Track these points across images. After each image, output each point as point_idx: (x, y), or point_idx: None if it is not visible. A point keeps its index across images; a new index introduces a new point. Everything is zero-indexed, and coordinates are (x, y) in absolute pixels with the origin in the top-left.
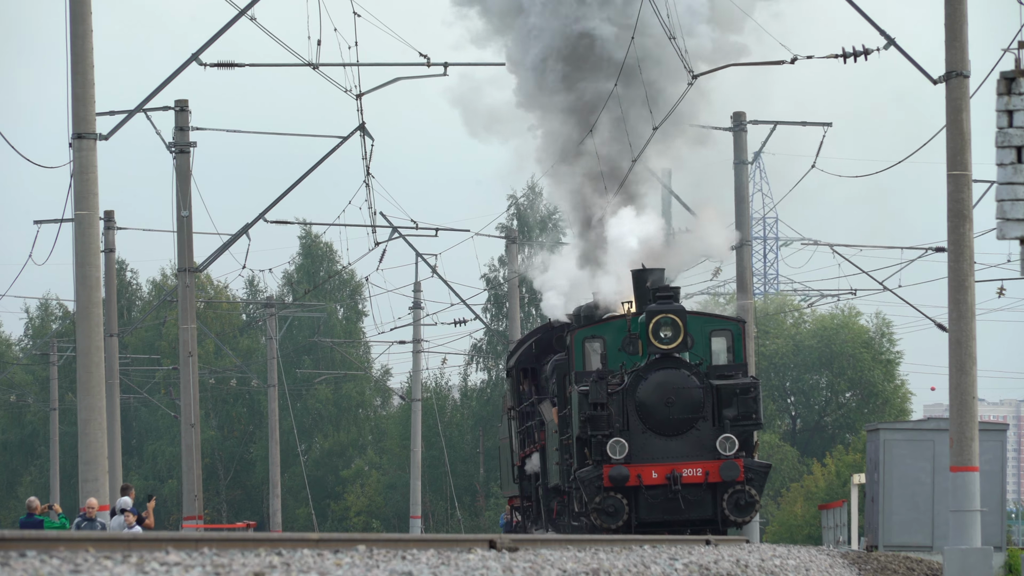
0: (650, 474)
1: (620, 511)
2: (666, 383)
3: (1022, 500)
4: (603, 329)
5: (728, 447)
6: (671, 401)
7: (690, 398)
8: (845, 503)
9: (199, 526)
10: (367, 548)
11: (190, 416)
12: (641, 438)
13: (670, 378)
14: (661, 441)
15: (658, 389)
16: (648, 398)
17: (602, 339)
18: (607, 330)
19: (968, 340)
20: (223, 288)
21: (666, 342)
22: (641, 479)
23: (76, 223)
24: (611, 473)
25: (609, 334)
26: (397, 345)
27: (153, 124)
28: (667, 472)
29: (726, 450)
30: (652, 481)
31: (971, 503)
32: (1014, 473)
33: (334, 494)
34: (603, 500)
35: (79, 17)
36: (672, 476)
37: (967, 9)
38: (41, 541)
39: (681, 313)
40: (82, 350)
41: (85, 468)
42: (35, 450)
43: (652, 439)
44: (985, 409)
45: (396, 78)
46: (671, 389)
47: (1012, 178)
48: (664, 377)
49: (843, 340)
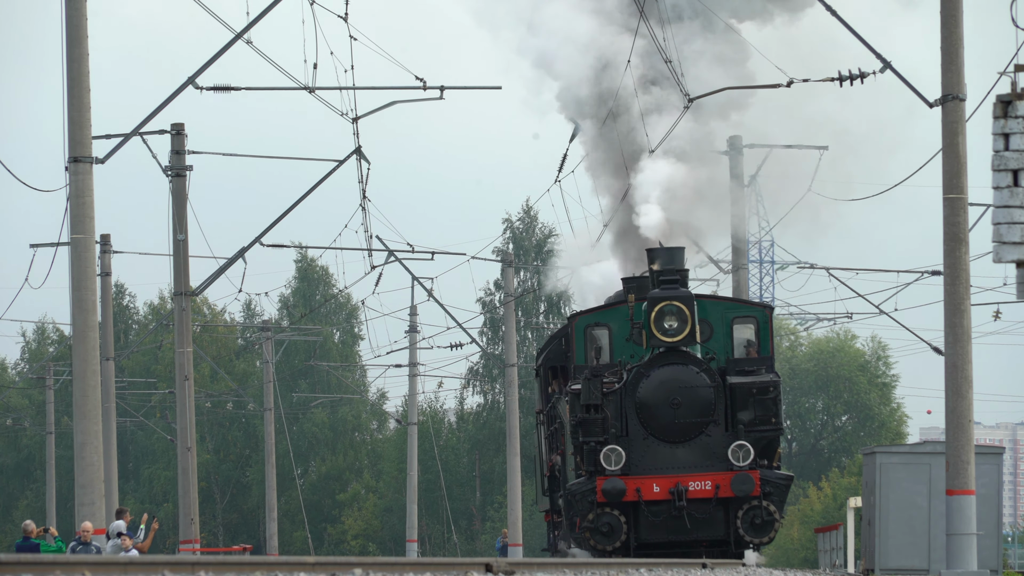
0: (651, 487)
1: (617, 530)
2: (671, 381)
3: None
4: (609, 316)
5: (742, 456)
6: (676, 402)
7: (699, 399)
8: (841, 526)
9: (195, 549)
10: (364, 571)
11: (186, 440)
12: (642, 445)
13: (676, 375)
14: (665, 449)
15: (661, 388)
16: (650, 399)
17: (607, 327)
18: (613, 317)
19: (964, 363)
20: (219, 312)
21: (671, 334)
22: (641, 493)
23: (72, 247)
24: (605, 487)
25: (616, 322)
26: (393, 369)
27: (149, 148)
28: (671, 485)
29: (739, 460)
30: (653, 496)
31: (967, 527)
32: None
33: (331, 518)
34: (597, 518)
35: (75, 40)
36: (676, 490)
37: (963, 33)
38: (37, 564)
39: (688, 300)
40: (78, 374)
41: (81, 492)
42: (31, 474)
43: (654, 446)
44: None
45: (392, 101)
46: (676, 388)
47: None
48: (669, 374)
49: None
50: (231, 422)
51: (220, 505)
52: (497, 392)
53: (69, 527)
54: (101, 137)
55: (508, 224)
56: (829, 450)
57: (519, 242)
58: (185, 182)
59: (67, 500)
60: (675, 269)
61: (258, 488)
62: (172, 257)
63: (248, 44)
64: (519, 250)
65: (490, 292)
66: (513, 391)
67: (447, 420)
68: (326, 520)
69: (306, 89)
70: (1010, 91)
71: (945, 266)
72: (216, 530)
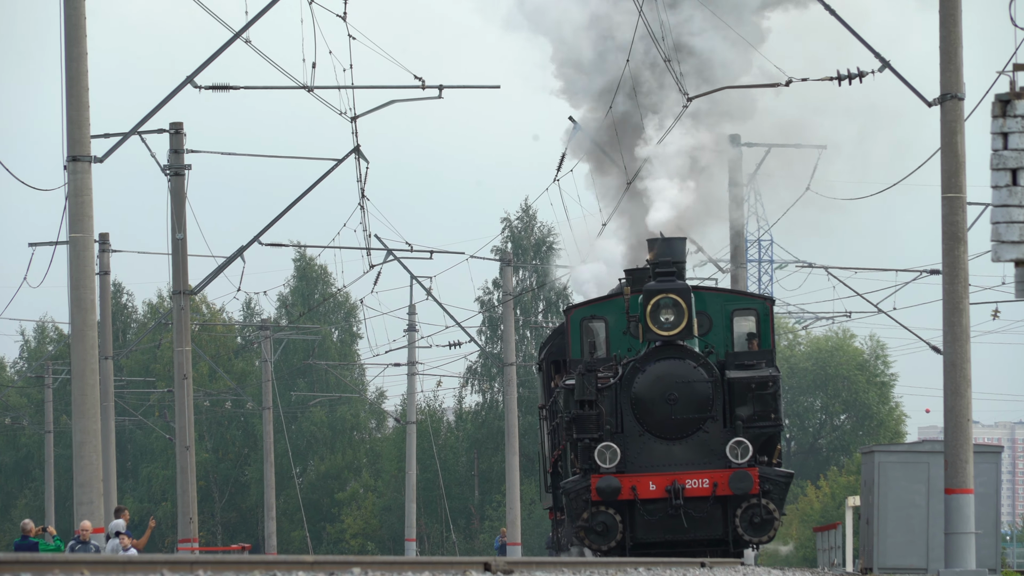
0: (647, 486)
1: (612, 530)
2: (667, 376)
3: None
4: (606, 308)
5: (741, 453)
6: (673, 398)
7: (696, 394)
8: (840, 525)
9: (194, 549)
10: (362, 570)
11: (185, 438)
12: (637, 442)
13: (672, 370)
14: (661, 446)
15: (658, 383)
16: (646, 394)
17: (604, 320)
18: (611, 309)
19: (963, 362)
20: (218, 311)
21: (667, 327)
22: (636, 492)
23: (71, 246)
24: (599, 485)
25: (613, 314)
26: (392, 368)
27: (148, 147)
28: (667, 483)
29: (738, 457)
30: (649, 494)
31: (966, 525)
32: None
33: (329, 516)
34: (592, 517)
35: (74, 40)
36: (673, 488)
37: (962, 32)
38: (36, 564)
39: (685, 292)
40: (77, 373)
41: (80, 491)
42: (30, 473)
43: (650, 443)
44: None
45: (391, 100)
46: (673, 383)
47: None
48: (665, 369)
49: (838, 362)
50: (230, 421)
51: (219, 504)
52: (496, 391)
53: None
54: (100, 136)
55: (507, 223)
56: (828, 449)
57: (518, 241)
58: (184, 181)
59: (66, 499)
60: (672, 261)
61: (257, 487)
62: (171, 256)
63: (247, 43)
64: (518, 249)
65: (488, 291)
66: (512, 390)
67: (446, 419)
68: (325, 519)
69: (305, 88)
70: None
71: (944, 265)
72: (215, 529)
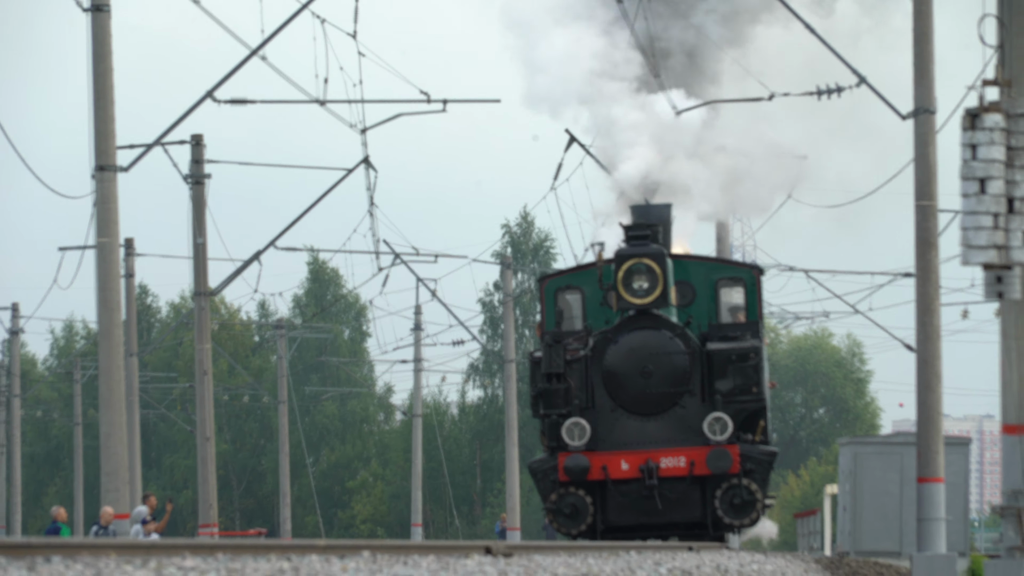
0: (619, 465)
1: (582, 512)
2: (642, 348)
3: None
4: (581, 278)
5: (719, 430)
6: (647, 371)
7: (672, 367)
8: (819, 512)
9: (214, 533)
10: (371, 554)
11: (205, 430)
12: (609, 418)
13: (647, 341)
14: (635, 422)
15: (631, 356)
16: (618, 367)
17: (580, 291)
18: (587, 280)
19: (934, 360)
20: (236, 311)
21: (641, 294)
22: (607, 471)
23: (98, 250)
24: (567, 463)
25: (590, 285)
26: (399, 364)
27: (171, 157)
28: (640, 462)
29: (716, 433)
30: (622, 474)
31: (937, 512)
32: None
33: (340, 503)
34: (560, 499)
35: (100, 56)
36: (647, 467)
37: (934, 50)
38: (65, 548)
39: (659, 257)
40: (104, 369)
41: (107, 479)
42: (60, 462)
43: (623, 420)
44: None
45: (398, 114)
46: (647, 356)
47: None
48: (639, 340)
49: (817, 360)
50: (247, 414)
51: (237, 491)
52: (496, 386)
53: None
54: (125, 147)
55: (507, 229)
56: (807, 440)
57: (517, 246)
58: (204, 189)
59: (93, 487)
60: (646, 224)
61: (272, 476)
62: (192, 259)
63: (263, 60)
64: (517, 253)
65: (490, 292)
66: (511, 385)
67: (450, 412)
68: (336, 505)
69: (317, 102)
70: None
71: (917, 268)
72: (233, 515)
